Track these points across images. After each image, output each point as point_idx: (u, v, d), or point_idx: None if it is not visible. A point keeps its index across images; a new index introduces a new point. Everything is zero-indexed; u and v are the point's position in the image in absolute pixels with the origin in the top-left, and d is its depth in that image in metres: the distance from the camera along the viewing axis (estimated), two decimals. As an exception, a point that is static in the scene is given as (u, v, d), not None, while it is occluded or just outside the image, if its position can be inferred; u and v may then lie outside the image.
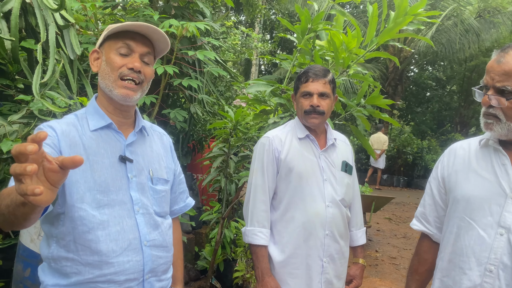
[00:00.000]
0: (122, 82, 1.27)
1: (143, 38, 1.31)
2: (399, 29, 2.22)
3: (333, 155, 1.93)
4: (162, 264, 1.37)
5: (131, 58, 1.28)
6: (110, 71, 1.27)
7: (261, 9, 8.25)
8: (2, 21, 2.30)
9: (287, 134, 1.93)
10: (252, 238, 1.84)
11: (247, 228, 1.87)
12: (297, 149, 1.88)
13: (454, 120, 18.60)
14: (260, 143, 1.94)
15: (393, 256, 5.33)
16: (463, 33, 13.35)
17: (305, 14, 2.49)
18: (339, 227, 1.89)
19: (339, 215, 1.88)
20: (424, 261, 1.60)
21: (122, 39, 1.28)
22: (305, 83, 1.86)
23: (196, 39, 3.65)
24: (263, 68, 20.44)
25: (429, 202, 1.57)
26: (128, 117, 1.38)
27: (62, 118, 1.32)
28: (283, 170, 1.86)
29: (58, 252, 1.22)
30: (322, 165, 1.88)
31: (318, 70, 1.86)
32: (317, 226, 1.82)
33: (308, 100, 1.85)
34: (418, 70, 19.76)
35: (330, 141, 1.94)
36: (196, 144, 4.56)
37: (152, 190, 1.37)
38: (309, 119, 1.86)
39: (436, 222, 1.55)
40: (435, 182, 1.55)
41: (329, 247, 1.85)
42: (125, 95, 1.27)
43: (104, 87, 1.29)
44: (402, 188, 13.43)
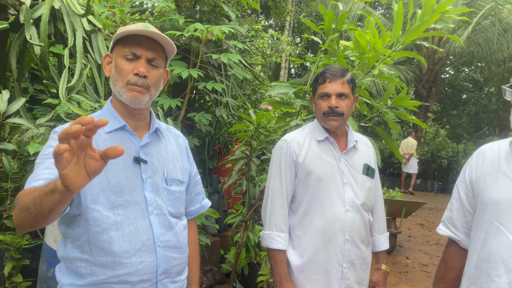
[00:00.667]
0: (130, 86, 1.29)
1: (151, 42, 1.30)
2: (425, 27, 2.13)
3: (354, 157, 1.87)
4: (176, 265, 1.37)
5: (137, 63, 1.28)
6: (119, 77, 1.29)
7: (289, 12, 8.21)
8: (32, 27, 2.38)
9: (306, 136, 1.88)
10: (270, 242, 1.81)
11: (265, 232, 1.84)
12: (316, 152, 1.83)
13: (492, 123, 17.88)
14: (278, 146, 1.90)
15: (424, 263, 5.15)
16: (501, 33, 12.84)
17: (328, 14, 2.44)
18: (360, 232, 1.82)
19: (360, 219, 1.82)
20: (451, 268, 1.51)
21: (128, 45, 1.28)
22: (322, 84, 1.81)
23: (221, 42, 3.67)
24: (293, 72, 20.37)
25: (456, 206, 1.49)
26: (142, 119, 1.39)
27: None
28: (301, 174, 1.82)
29: (73, 252, 1.23)
30: (342, 168, 1.82)
31: (335, 70, 1.81)
32: (336, 231, 1.76)
33: (326, 101, 1.79)
34: (454, 72, 19.14)
35: (350, 143, 1.88)
36: (222, 147, 4.57)
37: (166, 190, 1.37)
38: (327, 121, 1.80)
39: (464, 228, 1.46)
40: (463, 186, 1.47)
41: (350, 252, 1.79)
42: (134, 97, 1.28)
43: (115, 92, 1.31)
44: (437, 193, 13.02)
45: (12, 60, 2.39)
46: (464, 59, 16.18)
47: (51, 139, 1.26)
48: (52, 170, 1.14)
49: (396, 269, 4.84)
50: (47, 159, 1.18)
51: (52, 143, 1.23)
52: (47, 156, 1.19)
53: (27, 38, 2.30)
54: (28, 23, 2.33)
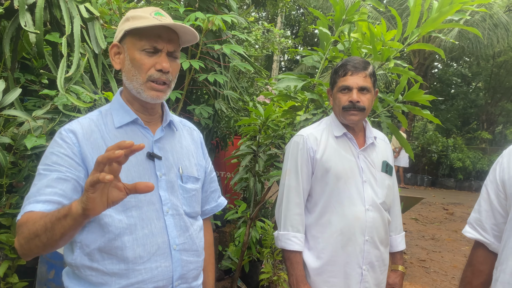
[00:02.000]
0: (151, 84, 1.18)
1: (170, 32, 1.19)
2: (444, 19, 2.06)
3: (373, 154, 1.79)
4: (193, 269, 1.27)
5: (158, 57, 1.17)
6: (137, 72, 1.17)
7: (285, 3, 8.08)
8: (27, 13, 2.24)
9: (323, 132, 1.79)
10: (285, 243, 1.72)
11: (280, 233, 1.75)
12: (334, 148, 1.75)
13: (480, 117, 18.06)
14: (294, 141, 1.81)
15: (422, 259, 5.14)
16: (492, 28, 12.92)
17: (340, 4, 2.35)
18: (380, 233, 1.75)
19: (380, 219, 1.74)
20: (479, 272, 1.42)
21: (147, 37, 1.16)
22: (343, 76, 1.71)
23: (221, 33, 3.55)
24: (283, 65, 20.28)
25: (485, 207, 1.40)
26: (154, 113, 1.29)
27: (84, 116, 1.24)
28: (318, 171, 1.73)
29: (82, 260, 1.13)
30: (362, 166, 1.75)
31: (357, 63, 1.71)
32: (356, 232, 1.69)
33: (346, 95, 1.70)
34: (443, 66, 19.26)
35: (369, 139, 1.79)
36: (220, 141, 4.46)
37: (182, 188, 1.27)
38: (347, 115, 1.71)
39: (494, 230, 1.38)
40: (493, 186, 1.38)
41: (369, 253, 1.71)
42: (156, 97, 1.19)
43: (132, 88, 1.20)
44: (427, 187, 13.12)
45: (5, 48, 2.25)
46: (453, 54, 16.27)
47: (54, 144, 1.14)
48: (55, 190, 1.06)
49: (394, 264, 4.81)
50: (51, 173, 1.08)
51: (55, 149, 1.12)
52: (49, 168, 1.09)
53: (22, 25, 2.16)
54: (22, 9, 2.19)
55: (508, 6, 13.69)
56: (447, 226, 7.21)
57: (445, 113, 18.51)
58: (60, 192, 1.07)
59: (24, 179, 2.12)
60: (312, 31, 15.78)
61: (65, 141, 1.13)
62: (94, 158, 1.13)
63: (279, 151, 2.81)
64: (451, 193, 12.10)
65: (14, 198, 2.11)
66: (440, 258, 5.22)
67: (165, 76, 1.18)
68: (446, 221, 7.70)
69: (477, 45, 13.36)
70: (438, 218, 7.88)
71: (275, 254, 3.32)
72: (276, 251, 3.32)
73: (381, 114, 2.51)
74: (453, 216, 8.16)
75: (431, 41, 13.91)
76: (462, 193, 12.14)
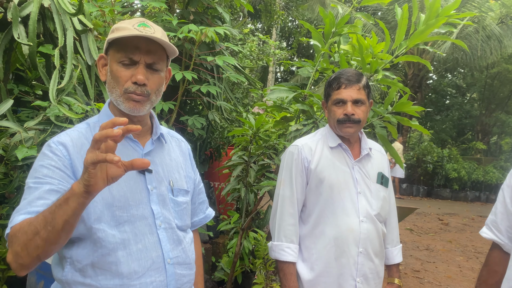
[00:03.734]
0: (128, 94, 1.15)
1: (149, 43, 1.16)
2: (430, 31, 2.10)
3: (368, 165, 1.80)
4: (186, 283, 1.26)
5: (134, 69, 1.15)
6: (116, 84, 1.16)
7: (279, 15, 8.16)
8: (21, 26, 2.26)
9: (318, 142, 1.80)
10: (279, 254, 1.71)
11: (274, 243, 1.75)
12: (328, 159, 1.75)
13: (475, 128, 18.17)
14: (289, 151, 1.81)
15: (416, 269, 5.13)
16: (485, 40, 13.07)
17: (329, 17, 2.39)
18: (374, 245, 1.74)
19: (374, 231, 1.74)
20: (494, 272, 1.50)
21: (124, 48, 1.14)
22: (337, 89, 1.71)
23: (214, 44, 3.58)
24: (279, 76, 20.39)
25: (501, 210, 1.47)
26: (143, 125, 1.26)
27: (72, 128, 1.22)
28: (313, 181, 1.74)
29: (73, 276, 1.11)
30: (356, 177, 1.75)
31: (351, 75, 1.71)
32: (350, 243, 1.68)
33: (341, 108, 1.71)
34: (438, 77, 19.42)
35: (364, 150, 1.80)
36: (214, 151, 4.47)
37: (173, 202, 1.26)
38: (343, 128, 1.72)
39: (508, 232, 1.45)
40: (509, 190, 1.45)
41: (363, 266, 1.70)
42: (133, 108, 1.16)
43: (113, 100, 1.19)
44: (422, 197, 13.13)
45: (-2, 59, 2.26)
46: (448, 65, 16.43)
47: (44, 157, 1.11)
48: (47, 202, 1.03)
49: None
50: (41, 185, 1.06)
51: (45, 162, 1.09)
52: (40, 181, 1.06)
53: (15, 37, 2.18)
54: (16, 21, 2.21)
55: (500, 18, 13.87)
56: (442, 237, 7.21)
57: (440, 124, 18.61)
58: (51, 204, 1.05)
59: (15, 190, 2.12)
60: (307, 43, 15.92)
61: (55, 153, 1.11)
62: None
63: (271, 162, 2.83)
64: (447, 203, 12.12)
65: (5, 208, 2.11)
66: (434, 269, 5.21)
67: (140, 89, 1.15)
68: (441, 231, 7.71)
69: (471, 56, 13.50)
70: (433, 229, 7.88)
71: (267, 265, 3.31)
72: (268, 262, 3.32)
73: (376, 125, 2.54)
74: (448, 227, 8.16)
75: (424, 53, 14.07)
76: (458, 204, 12.16)
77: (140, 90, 1.15)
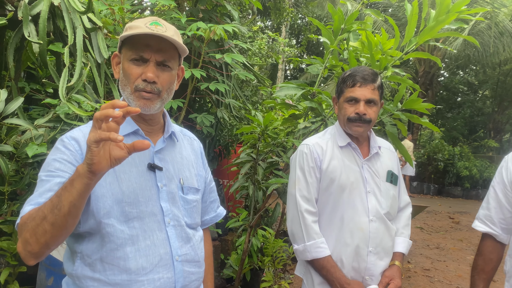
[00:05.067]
0: (138, 92, 1.17)
1: (161, 41, 1.16)
2: (441, 27, 2.07)
3: (377, 164, 1.78)
4: (194, 280, 1.27)
5: (145, 67, 1.16)
6: (127, 82, 1.18)
7: (288, 13, 8.13)
8: (31, 24, 2.28)
9: (328, 142, 1.79)
10: (317, 253, 1.68)
11: (307, 244, 1.69)
12: (339, 158, 1.74)
13: (487, 126, 17.94)
14: (300, 151, 1.80)
15: (426, 268, 5.09)
16: (498, 36, 12.89)
17: (338, 14, 2.37)
18: (385, 243, 1.73)
19: (385, 229, 1.73)
20: (489, 260, 1.67)
21: (135, 46, 1.15)
22: (351, 87, 1.70)
23: (223, 42, 3.59)
24: (288, 73, 20.34)
25: (494, 205, 1.65)
26: (155, 123, 1.28)
27: (85, 125, 1.24)
28: (324, 181, 1.72)
29: (83, 270, 1.13)
30: (366, 176, 1.74)
31: (366, 74, 1.69)
32: (360, 242, 1.68)
33: (353, 106, 1.69)
34: (449, 75, 19.21)
35: (373, 149, 1.79)
36: (223, 149, 4.48)
37: (182, 200, 1.27)
38: (352, 127, 1.71)
39: (501, 223, 1.64)
40: (500, 187, 1.63)
41: (373, 265, 1.70)
42: (143, 105, 1.17)
43: (125, 97, 1.20)
44: (433, 196, 13.02)
45: (9, 58, 2.29)
46: (459, 62, 16.24)
47: (57, 151, 1.13)
48: None
49: (398, 273, 4.77)
50: (53, 178, 1.08)
51: (58, 156, 1.12)
52: (52, 174, 1.09)
53: (26, 36, 2.20)
54: (26, 20, 2.23)
55: (513, 14, 13.65)
56: (453, 235, 7.14)
57: (452, 122, 18.41)
58: None
59: (26, 186, 2.15)
60: (317, 40, 15.86)
61: (67, 148, 1.13)
62: None
63: (279, 159, 2.82)
64: (458, 202, 12.00)
65: (16, 205, 2.14)
66: (444, 268, 5.16)
67: (150, 87, 1.16)
68: (452, 230, 7.63)
69: (483, 53, 13.32)
70: (443, 227, 7.81)
71: (276, 263, 3.31)
72: (277, 259, 3.32)
73: (387, 122, 2.52)
74: (459, 225, 8.08)
75: (436, 50, 13.92)
76: (469, 202, 12.03)
77: (150, 88, 1.16)
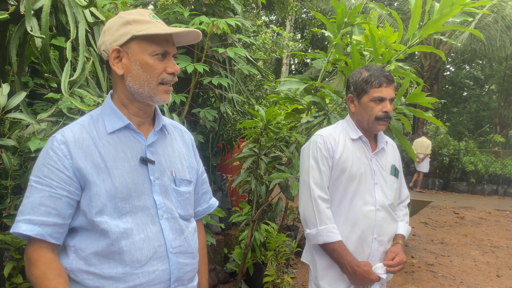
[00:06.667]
0: (163, 87, 1.20)
1: (171, 36, 1.22)
2: (445, 20, 2.05)
3: (384, 158, 1.90)
4: (189, 271, 1.29)
5: (168, 61, 1.20)
6: (149, 77, 1.18)
7: (292, 7, 8.08)
8: (33, 18, 2.28)
9: (340, 133, 1.89)
10: (328, 237, 1.76)
11: (320, 228, 1.77)
12: (350, 150, 1.84)
13: (493, 120, 17.81)
14: (314, 141, 1.88)
15: (430, 263, 5.08)
16: (504, 30, 12.75)
17: (341, 7, 2.35)
18: (388, 231, 1.85)
19: (389, 218, 1.85)
20: None
21: (158, 41, 1.17)
22: (378, 87, 1.78)
23: (226, 36, 3.57)
24: (293, 68, 20.28)
25: None
26: (148, 116, 1.29)
27: (75, 122, 1.23)
28: (336, 171, 1.82)
29: (77, 264, 1.14)
30: (374, 168, 1.85)
31: (389, 75, 1.81)
32: (366, 230, 1.79)
33: (380, 105, 1.79)
34: (455, 69, 19.06)
35: (381, 144, 1.91)
36: (226, 144, 4.48)
37: (175, 192, 1.28)
38: (378, 125, 1.81)
39: None
40: None
41: (377, 251, 1.81)
42: (167, 99, 1.23)
43: (142, 92, 1.19)
44: (438, 191, 12.97)
45: (12, 53, 2.29)
46: (465, 56, 16.10)
47: (46, 155, 1.14)
48: (49, 209, 1.10)
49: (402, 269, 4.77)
50: (42, 187, 1.11)
51: (46, 161, 1.13)
52: (41, 182, 1.12)
53: (28, 30, 2.20)
54: (28, 14, 2.23)
55: (521, 8, 13.48)
56: (457, 230, 7.12)
57: (457, 116, 18.30)
58: (53, 212, 1.11)
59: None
60: (321, 34, 15.78)
61: (56, 153, 1.13)
62: (87, 167, 1.14)
63: (282, 154, 2.81)
64: (463, 197, 11.94)
65: (19, 199, 2.15)
66: (448, 263, 5.15)
67: (174, 78, 1.22)
68: (456, 225, 7.61)
69: (489, 47, 13.18)
70: (448, 222, 7.79)
71: (279, 257, 3.32)
72: (280, 254, 3.32)
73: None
74: (464, 220, 8.05)
75: (441, 44, 13.80)
76: (474, 197, 11.98)
77: (174, 78, 1.22)
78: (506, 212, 9.09)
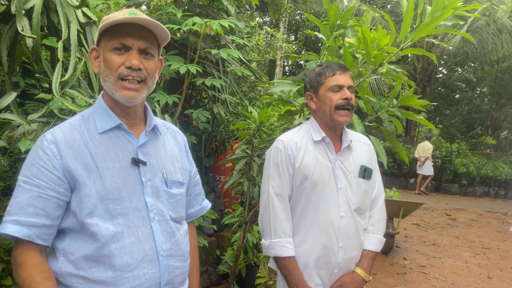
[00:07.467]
0: (123, 83, 1.15)
1: (141, 29, 1.17)
2: (436, 24, 2.06)
3: (349, 159, 1.79)
4: (179, 275, 1.28)
5: (128, 55, 1.15)
6: (108, 72, 1.16)
7: (286, 8, 8.10)
8: (25, 18, 2.27)
9: (302, 138, 1.79)
10: (280, 251, 1.70)
11: (273, 241, 1.71)
12: (312, 155, 1.75)
13: (485, 123, 17.96)
14: (274, 147, 1.80)
15: (422, 265, 5.11)
16: (496, 33, 12.88)
17: (334, 9, 2.36)
18: (353, 238, 1.75)
19: (353, 225, 1.75)
20: None
21: (116, 35, 1.14)
22: (332, 76, 1.72)
23: (220, 37, 3.57)
24: (287, 69, 20.30)
25: None
26: (136, 116, 1.27)
27: (66, 121, 1.22)
28: (297, 178, 1.74)
29: (67, 268, 1.13)
30: (337, 172, 1.75)
31: (342, 64, 1.76)
32: (331, 238, 1.70)
33: (338, 93, 1.71)
34: (447, 71, 19.20)
35: (344, 143, 1.79)
36: (219, 145, 4.47)
37: (167, 194, 1.27)
38: (340, 116, 1.70)
39: None
40: None
41: (343, 260, 1.73)
42: (129, 97, 1.16)
43: (107, 89, 1.19)
44: (430, 192, 13.04)
45: (2, 52, 2.27)
46: (458, 59, 16.23)
47: (35, 154, 1.13)
48: (37, 210, 1.08)
49: (394, 270, 4.79)
50: (31, 188, 1.10)
51: (35, 161, 1.12)
52: (29, 182, 1.10)
53: (19, 30, 2.19)
54: (19, 14, 2.21)
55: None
56: (449, 232, 7.16)
57: (450, 118, 18.43)
58: (42, 213, 1.09)
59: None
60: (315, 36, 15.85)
61: (45, 153, 1.12)
62: (78, 167, 1.12)
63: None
64: (455, 198, 12.03)
65: (9, 201, 2.13)
66: (440, 264, 5.18)
67: (135, 73, 1.15)
68: (448, 226, 7.66)
69: (481, 50, 13.31)
70: (440, 224, 7.83)
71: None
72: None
73: (384, 119, 2.50)
74: (456, 222, 8.11)
75: (434, 47, 13.90)
76: (466, 199, 12.07)
77: (137, 74, 1.16)
78: (497, 214, 9.17)
